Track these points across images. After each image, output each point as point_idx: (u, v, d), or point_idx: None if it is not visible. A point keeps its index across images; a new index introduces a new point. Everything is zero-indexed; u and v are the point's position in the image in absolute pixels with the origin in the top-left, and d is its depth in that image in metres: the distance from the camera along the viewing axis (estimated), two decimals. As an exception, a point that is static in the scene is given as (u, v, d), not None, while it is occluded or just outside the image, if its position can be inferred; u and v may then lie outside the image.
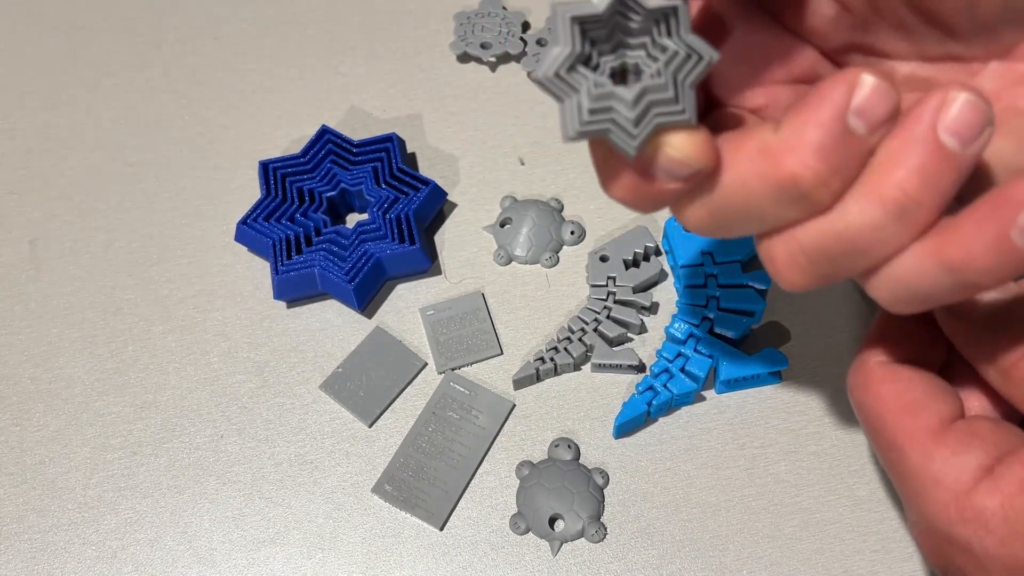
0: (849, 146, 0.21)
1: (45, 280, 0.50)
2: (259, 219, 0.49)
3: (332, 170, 0.50)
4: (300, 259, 0.47)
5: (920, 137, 0.21)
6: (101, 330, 0.48)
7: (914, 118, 0.21)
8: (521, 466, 0.44)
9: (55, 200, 0.53)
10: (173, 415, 0.46)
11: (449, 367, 0.46)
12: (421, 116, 0.54)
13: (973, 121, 0.21)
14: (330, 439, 0.45)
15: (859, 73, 0.21)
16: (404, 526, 0.43)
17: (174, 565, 0.42)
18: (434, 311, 0.48)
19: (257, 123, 0.55)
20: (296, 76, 0.56)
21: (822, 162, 0.21)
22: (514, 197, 0.51)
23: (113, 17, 0.59)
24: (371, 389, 0.46)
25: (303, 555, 0.43)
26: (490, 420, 0.45)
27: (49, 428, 0.46)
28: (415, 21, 0.58)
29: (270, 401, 0.46)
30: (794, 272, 0.24)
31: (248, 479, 0.44)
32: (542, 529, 0.42)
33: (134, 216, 0.52)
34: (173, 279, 0.50)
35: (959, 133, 0.21)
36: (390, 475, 0.44)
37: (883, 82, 0.21)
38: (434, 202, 0.50)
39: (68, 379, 0.47)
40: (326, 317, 0.48)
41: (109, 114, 0.55)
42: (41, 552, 0.43)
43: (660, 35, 0.22)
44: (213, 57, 0.57)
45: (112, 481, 0.44)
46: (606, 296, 0.46)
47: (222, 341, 0.48)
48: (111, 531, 0.43)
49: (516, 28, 0.55)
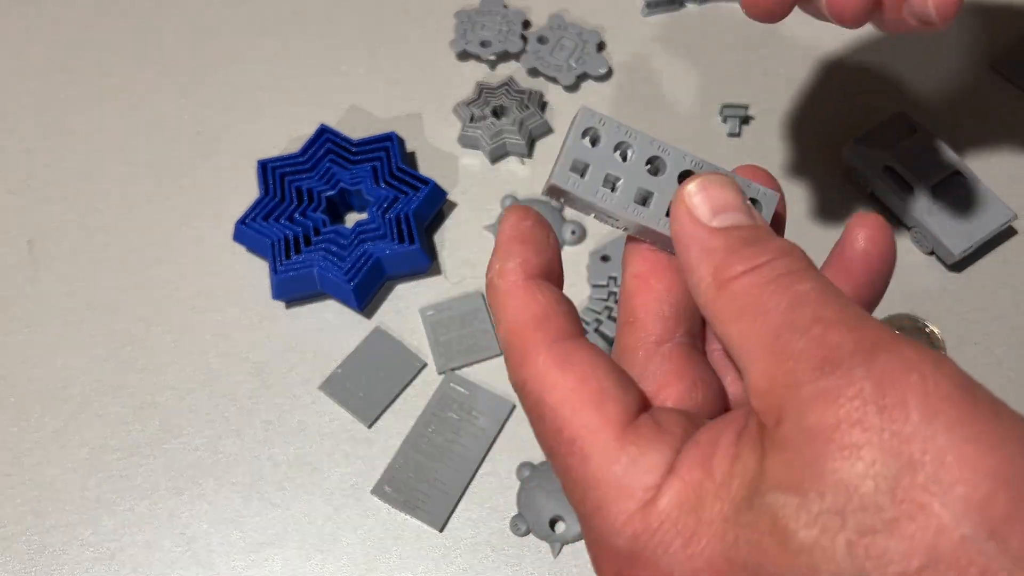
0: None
1: (43, 280, 0.50)
2: (258, 219, 0.48)
3: (331, 169, 0.50)
4: (299, 259, 0.47)
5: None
6: (99, 330, 0.48)
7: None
8: (522, 467, 0.43)
9: (54, 200, 0.52)
10: (172, 416, 0.46)
11: (449, 367, 0.46)
12: (421, 115, 0.54)
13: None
14: (329, 440, 0.45)
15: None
16: (404, 528, 0.43)
17: (172, 567, 0.42)
18: (434, 311, 0.47)
19: (256, 122, 0.54)
20: (295, 75, 0.56)
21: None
22: (515, 196, 0.51)
23: (113, 17, 0.59)
24: (371, 390, 0.46)
25: (302, 557, 0.42)
26: (490, 421, 0.45)
27: (47, 429, 0.46)
28: (414, 19, 0.57)
29: (269, 402, 0.46)
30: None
31: (247, 480, 0.44)
32: (543, 531, 0.42)
33: (133, 216, 0.52)
34: (171, 279, 0.49)
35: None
36: (390, 476, 0.44)
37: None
38: (434, 202, 0.49)
39: (66, 380, 0.47)
40: (325, 317, 0.48)
41: (108, 114, 0.55)
42: (39, 553, 0.43)
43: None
44: (212, 57, 0.57)
45: (110, 482, 0.44)
46: (607, 296, 0.46)
47: (221, 341, 0.48)
48: (109, 532, 0.43)
49: (516, 26, 0.55)
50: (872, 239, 0.25)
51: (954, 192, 0.47)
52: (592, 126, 0.26)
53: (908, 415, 0.18)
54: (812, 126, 0.52)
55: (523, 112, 0.52)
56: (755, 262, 0.22)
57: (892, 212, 0.48)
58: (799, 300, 0.21)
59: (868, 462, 0.18)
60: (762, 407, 0.20)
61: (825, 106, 0.53)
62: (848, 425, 0.18)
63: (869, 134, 0.49)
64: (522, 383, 0.24)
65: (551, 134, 0.53)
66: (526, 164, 0.52)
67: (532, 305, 0.25)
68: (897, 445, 0.18)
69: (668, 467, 0.22)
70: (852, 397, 0.19)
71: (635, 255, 0.28)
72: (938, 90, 0.53)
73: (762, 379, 0.21)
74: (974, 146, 0.50)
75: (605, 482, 0.22)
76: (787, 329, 0.21)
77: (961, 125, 0.51)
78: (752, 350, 0.21)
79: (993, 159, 0.50)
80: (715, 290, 0.23)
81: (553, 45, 0.54)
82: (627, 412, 0.23)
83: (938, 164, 0.47)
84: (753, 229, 0.23)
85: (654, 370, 0.26)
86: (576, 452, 0.23)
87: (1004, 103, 0.53)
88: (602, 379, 0.23)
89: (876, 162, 0.48)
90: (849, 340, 0.20)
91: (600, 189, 0.26)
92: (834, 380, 0.19)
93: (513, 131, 0.51)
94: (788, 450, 0.19)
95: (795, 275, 0.22)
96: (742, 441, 0.21)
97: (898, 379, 0.19)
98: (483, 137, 0.51)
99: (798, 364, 0.20)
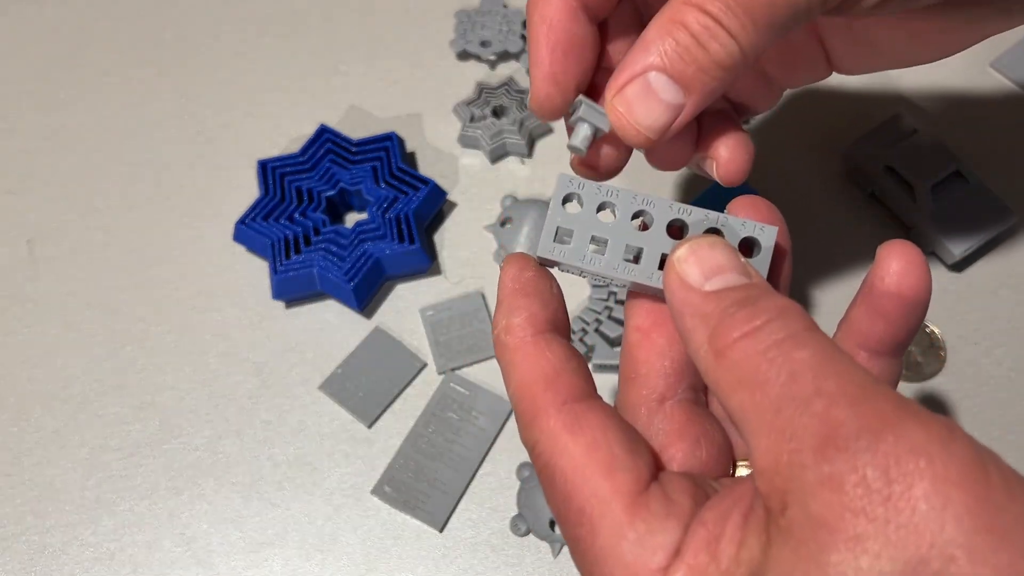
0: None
1: (43, 280, 0.50)
2: (258, 219, 0.48)
3: (331, 169, 0.50)
4: (299, 259, 0.47)
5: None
6: (99, 330, 0.48)
7: None
8: (522, 467, 0.43)
9: (53, 200, 0.52)
10: (171, 416, 0.46)
11: (449, 367, 0.46)
12: (421, 115, 0.54)
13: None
14: (329, 440, 0.45)
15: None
16: (404, 528, 0.43)
17: (172, 567, 0.42)
18: (434, 311, 0.47)
19: (256, 122, 0.54)
20: (295, 75, 0.56)
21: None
22: (515, 196, 0.51)
23: (112, 17, 0.59)
24: (370, 390, 0.46)
25: (302, 557, 0.42)
26: (490, 421, 0.45)
27: (47, 429, 0.46)
28: (414, 19, 0.57)
29: (269, 402, 0.46)
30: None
31: (247, 480, 0.44)
32: (543, 531, 0.42)
33: (132, 216, 0.52)
34: (171, 279, 0.49)
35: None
36: (389, 476, 0.44)
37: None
38: (434, 201, 0.49)
39: (66, 380, 0.47)
40: (325, 317, 0.48)
41: (107, 114, 0.55)
42: (39, 553, 0.43)
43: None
44: (211, 56, 0.57)
45: (110, 482, 0.44)
46: (607, 296, 0.46)
47: (220, 341, 0.48)
48: (109, 532, 0.43)
49: (516, 26, 0.55)
50: (904, 272, 0.24)
51: (954, 192, 0.47)
52: (572, 191, 0.26)
53: (915, 505, 0.17)
54: (812, 126, 0.52)
55: (523, 112, 0.52)
56: (750, 326, 0.21)
57: (892, 212, 0.48)
58: (798, 370, 0.20)
59: (873, 555, 0.17)
60: (767, 490, 0.20)
61: (825, 106, 0.53)
62: (852, 515, 0.18)
63: (869, 134, 0.49)
64: (532, 444, 0.24)
65: (551, 134, 0.53)
66: (526, 164, 0.52)
67: (542, 363, 0.24)
68: (903, 538, 0.17)
69: (675, 548, 0.21)
70: (856, 485, 0.18)
71: (636, 308, 0.28)
72: (938, 90, 0.53)
73: (765, 457, 0.20)
74: (974, 146, 0.50)
75: (612, 559, 0.22)
76: (787, 403, 0.20)
77: (961, 125, 0.51)
78: (754, 423, 0.20)
79: (993, 159, 0.50)
80: (713, 358, 0.22)
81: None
82: (638, 482, 0.22)
83: (938, 164, 0.47)
84: (748, 288, 0.23)
85: (657, 429, 0.26)
86: (585, 523, 0.22)
87: (1004, 103, 0.52)
88: (613, 445, 0.23)
89: (876, 162, 0.48)
90: (853, 418, 0.19)
91: (588, 253, 0.26)
92: (838, 465, 0.18)
93: (513, 131, 0.51)
94: (794, 540, 0.19)
95: (794, 340, 0.21)
96: (748, 526, 0.20)
97: (904, 464, 0.18)
98: (483, 137, 0.51)
99: (801, 444, 0.19)
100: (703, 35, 0.25)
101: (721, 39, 0.25)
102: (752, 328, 0.21)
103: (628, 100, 0.27)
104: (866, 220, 0.49)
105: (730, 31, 0.25)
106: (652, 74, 0.26)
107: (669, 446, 0.25)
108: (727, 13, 0.25)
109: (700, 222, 0.26)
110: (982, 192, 0.47)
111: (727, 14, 0.25)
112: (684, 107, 0.27)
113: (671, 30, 0.26)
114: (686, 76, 0.26)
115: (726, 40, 0.26)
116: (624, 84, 0.27)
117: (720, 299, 0.22)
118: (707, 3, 0.25)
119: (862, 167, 0.49)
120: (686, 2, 0.26)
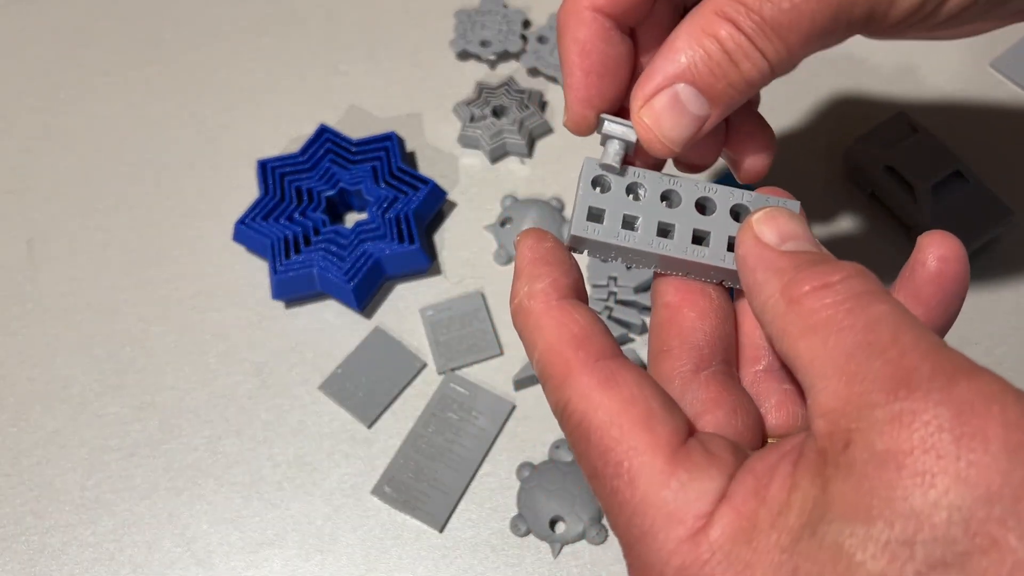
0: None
1: (43, 280, 0.50)
2: (257, 218, 0.48)
3: (331, 169, 0.50)
4: (299, 259, 0.47)
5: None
6: (99, 330, 0.48)
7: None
8: (522, 467, 0.43)
9: (53, 200, 0.52)
10: (171, 416, 0.46)
11: (449, 367, 0.46)
12: (421, 115, 0.54)
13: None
14: (329, 440, 0.45)
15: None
16: (404, 528, 0.43)
17: (172, 567, 0.42)
18: (434, 311, 0.47)
19: (255, 122, 0.54)
20: (295, 75, 0.56)
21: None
22: (515, 196, 0.51)
23: (112, 17, 0.59)
24: (370, 390, 0.46)
25: (302, 557, 0.42)
26: (490, 421, 0.45)
27: (46, 429, 0.46)
28: (414, 19, 0.57)
29: (268, 402, 0.46)
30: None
31: (246, 480, 0.44)
32: (543, 531, 0.42)
33: (132, 216, 0.52)
34: (171, 279, 0.49)
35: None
36: (389, 477, 0.44)
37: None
38: (434, 201, 0.49)
39: (66, 380, 0.47)
40: (325, 317, 0.48)
41: (107, 114, 0.55)
42: (38, 554, 0.43)
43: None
44: (211, 56, 0.57)
45: (110, 483, 0.44)
46: (607, 296, 0.46)
47: (220, 341, 0.47)
48: (108, 533, 0.43)
49: (517, 25, 0.55)
50: (944, 259, 0.24)
51: (954, 192, 0.47)
52: (602, 174, 0.27)
53: (987, 446, 0.17)
54: (812, 126, 0.52)
55: (523, 112, 0.52)
56: (828, 279, 0.22)
57: (892, 212, 0.48)
58: (875, 321, 0.20)
59: (941, 491, 0.17)
60: (829, 428, 0.20)
61: (825, 106, 0.53)
62: (922, 451, 0.18)
63: (869, 134, 0.49)
64: (564, 404, 0.23)
65: (551, 134, 0.53)
66: (526, 164, 0.52)
67: (571, 324, 0.24)
68: (974, 475, 0.17)
69: (720, 495, 0.21)
70: (928, 422, 0.18)
71: (666, 285, 0.28)
72: (938, 90, 0.53)
73: (832, 399, 0.20)
74: (974, 146, 0.50)
75: (654, 508, 0.21)
76: (862, 350, 0.20)
77: (961, 125, 0.51)
78: (822, 368, 0.20)
79: (993, 159, 0.50)
80: (784, 305, 0.22)
81: (553, 45, 0.54)
82: (677, 434, 0.22)
83: (938, 164, 0.47)
84: (821, 254, 0.23)
85: (692, 398, 0.26)
86: (623, 475, 0.22)
87: (1004, 103, 0.52)
88: (649, 400, 0.22)
89: (876, 162, 0.48)
90: (927, 364, 0.19)
91: (620, 231, 0.27)
92: (910, 403, 0.18)
93: (513, 131, 0.51)
94: (856, 475, 0.18)
95: (871, 296, 0.21)
96: (799, 470, 0.20)
97: (978, 408, 0.18)
98: (483, 137, 0.51)
99: (872, 385, 0.19)
100: (736, 53, 0.26)
101: (754, 59, 0.26)
102: (830, 281, 0.22)
103: (656, 113, 0.27)
104: (866, 220, 0.49)
105: (763, 51, 0.26)
106: (680, 86, 0.26)
107: (705, 413, 0.25)
108: (760, 33, 0.25)
109: (727, 199, 0.27)
110: (982, 192, 0.47)
111: (760, 35, 0.25)
112: (708, 118, 0.27)
113: (702, 41, 0.26)
114: (715, 91, 0.26)
115: (758, 60, 0.26)
116: (652, 95, 0.27)
117: (795, 257, 0.23)
118: (740, 19, 0.25)
119: (862, 167, 0.48)
120: (718, 13, 0.26)
